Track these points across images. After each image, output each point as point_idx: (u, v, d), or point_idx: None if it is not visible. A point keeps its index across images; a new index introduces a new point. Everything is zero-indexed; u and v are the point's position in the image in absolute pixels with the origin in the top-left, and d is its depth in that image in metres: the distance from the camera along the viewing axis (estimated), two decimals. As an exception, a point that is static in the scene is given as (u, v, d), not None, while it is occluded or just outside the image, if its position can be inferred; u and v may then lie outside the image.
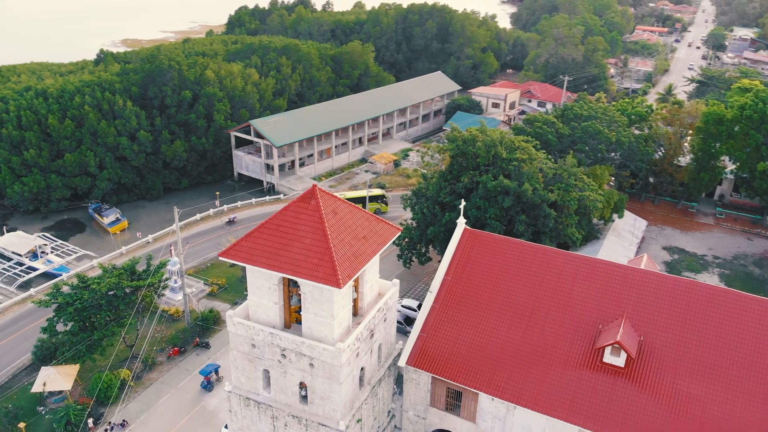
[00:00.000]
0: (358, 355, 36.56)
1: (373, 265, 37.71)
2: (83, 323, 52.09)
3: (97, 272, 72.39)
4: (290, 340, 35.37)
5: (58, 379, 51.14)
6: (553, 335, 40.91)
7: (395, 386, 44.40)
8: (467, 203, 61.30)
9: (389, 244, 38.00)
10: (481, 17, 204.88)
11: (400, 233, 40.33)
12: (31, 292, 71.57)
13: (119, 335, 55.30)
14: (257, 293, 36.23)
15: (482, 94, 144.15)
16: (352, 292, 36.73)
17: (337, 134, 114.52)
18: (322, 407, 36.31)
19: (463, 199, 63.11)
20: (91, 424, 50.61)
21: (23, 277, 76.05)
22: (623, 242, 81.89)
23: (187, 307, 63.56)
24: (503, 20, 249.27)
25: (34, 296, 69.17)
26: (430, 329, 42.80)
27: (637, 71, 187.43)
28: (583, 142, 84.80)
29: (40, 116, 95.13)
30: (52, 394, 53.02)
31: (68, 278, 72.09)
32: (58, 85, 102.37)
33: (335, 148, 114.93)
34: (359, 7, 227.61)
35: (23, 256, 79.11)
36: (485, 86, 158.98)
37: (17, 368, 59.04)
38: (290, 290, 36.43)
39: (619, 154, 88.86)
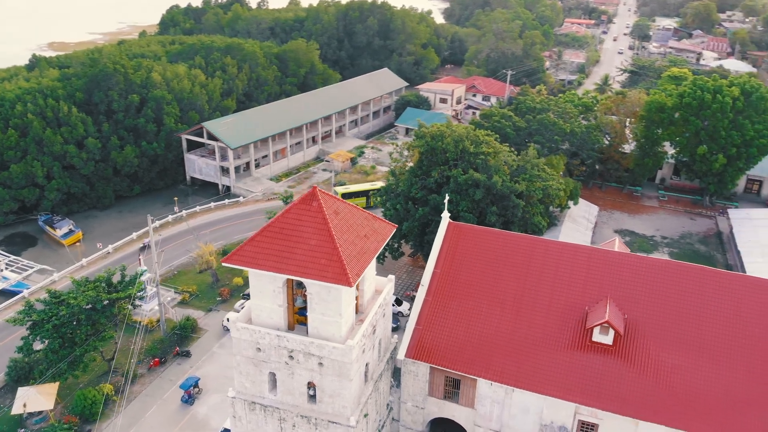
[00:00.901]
0: (363, 351, 37.38)
1: (372, 262, 38.58)
2: (62, 340, 50.36)
3: (60, 286, 70.14)
4: (298, 341, 35.78)
5: (38, 398, 49.25)
6: (542, 319, 43.01)
7: (392, 379, 45.42)
8: (439, 197, 62.78)
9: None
10: (418, 13, 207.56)
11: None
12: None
13: (99, 350, 53.76)
14: (260, 297, 36.40)
15: (429, 90, 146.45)
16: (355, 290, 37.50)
17: (291, 134, 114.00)
18: (331, 405, 36.90)
19: (434, 193, 64.79)
20: None
21: (-22, 296, 72.40)
22: (579, 227, 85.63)
23: (163, 316, 62.37)
24: (437, 16, 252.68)
25: (-2, 315, 66.02)
26: (425, 321, 44.09)
27: (571, 63, 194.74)
28: (539, 133, 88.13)
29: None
30: (32, 414, 51.00)
31: (30, 294, 69.26)
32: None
33: (290, 147, 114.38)
34: (295, 4, 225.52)
35: (-25, 274, 75.30)
36: (430, 82, 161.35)
37: (-12, 390, 56.23)
38: (294, 292, 36.85)
39: (571, 143, 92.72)
